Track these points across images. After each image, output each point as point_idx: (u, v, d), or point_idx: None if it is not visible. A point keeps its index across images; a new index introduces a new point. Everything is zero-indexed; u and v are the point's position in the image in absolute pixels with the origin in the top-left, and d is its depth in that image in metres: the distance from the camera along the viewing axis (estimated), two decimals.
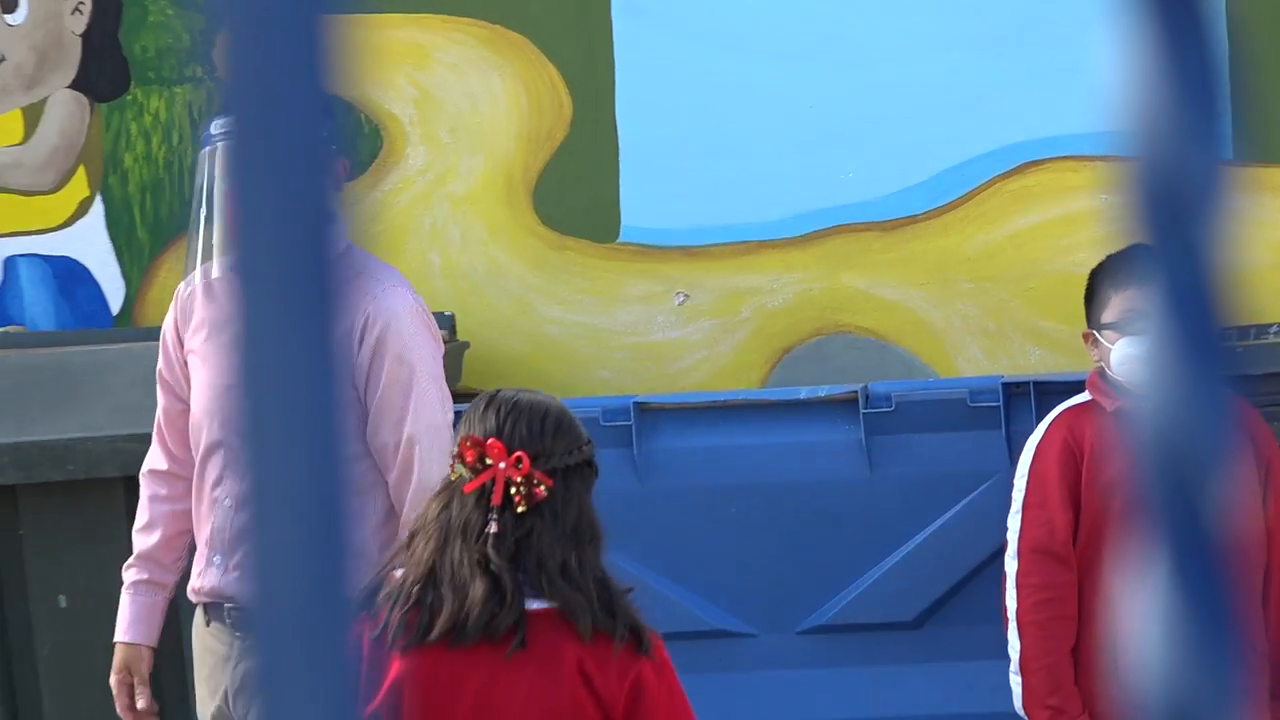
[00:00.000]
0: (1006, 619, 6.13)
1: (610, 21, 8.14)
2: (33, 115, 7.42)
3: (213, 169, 6.34)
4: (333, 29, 0.87)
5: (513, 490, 4.78)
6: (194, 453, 6.52)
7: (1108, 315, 6.12)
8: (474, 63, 7.81)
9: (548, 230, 7.78)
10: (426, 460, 6.09)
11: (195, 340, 6.55)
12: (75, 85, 7.48)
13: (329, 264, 0.81)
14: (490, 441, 4.81)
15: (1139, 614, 1.25)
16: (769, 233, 7.45)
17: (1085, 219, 7.27)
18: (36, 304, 7.80)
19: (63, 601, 7.68)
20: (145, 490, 6.75)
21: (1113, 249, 5.64)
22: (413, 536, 5.07)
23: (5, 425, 7.53)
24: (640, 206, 7.81)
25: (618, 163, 7.69)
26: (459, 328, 7.67)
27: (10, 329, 7.83)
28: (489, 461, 4.81)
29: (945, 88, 7.82)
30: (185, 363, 6.53)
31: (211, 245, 6.48)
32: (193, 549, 6.38)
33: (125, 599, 6.62)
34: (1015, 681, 6.17)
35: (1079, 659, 6.13)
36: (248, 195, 0.72)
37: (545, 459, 4.73)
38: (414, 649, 4.89)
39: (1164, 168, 1.07)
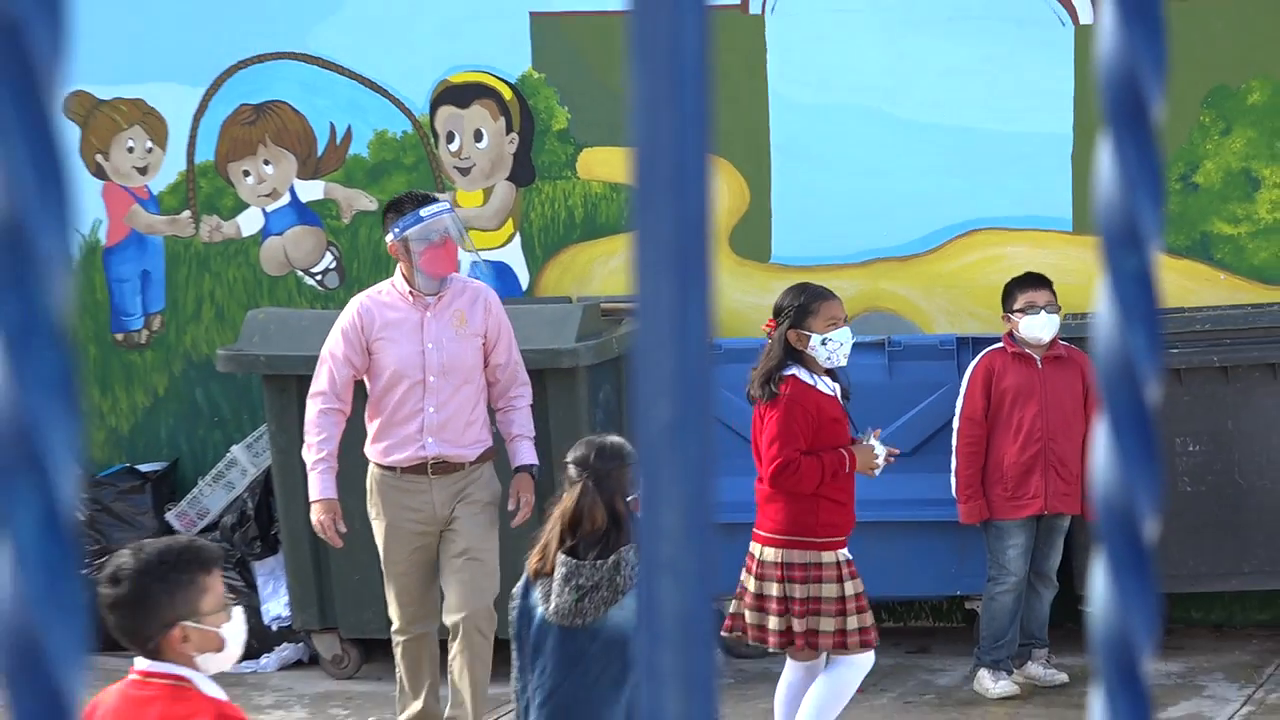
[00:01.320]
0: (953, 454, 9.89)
1: (769, 144, 11.10)
2: (488, 192, 11.02)
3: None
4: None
5: None
6: (383, 394, 9.17)
7: (1016, 306, 9.81)
8: None
9: (733, 253, 10.97)
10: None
11: (384, 333, 9.19)
12: (509, 178, 11.00)
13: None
14: None
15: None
16: (847, 259, 10.74)
17: (1004, 260, 10.56)
18: (491, 286, 10.61)
19: None
20: (321, 416, 9.16)
21: (1013, 276, 9.82)
22: None
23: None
24: (783, 241, 11.11)
25: (771, 221, 10.99)
26: None
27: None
28: None
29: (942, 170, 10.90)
30: (368, 348, 9.11)
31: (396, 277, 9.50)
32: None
33: (315, 476, 9.13)
34: (953, 486, 9.82)
35: (985, 475, 9.84)
36: (648, 215, 0.93)
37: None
38: None
39: None
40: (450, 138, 11.12)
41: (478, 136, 11.05)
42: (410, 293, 9.00)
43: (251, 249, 11.37)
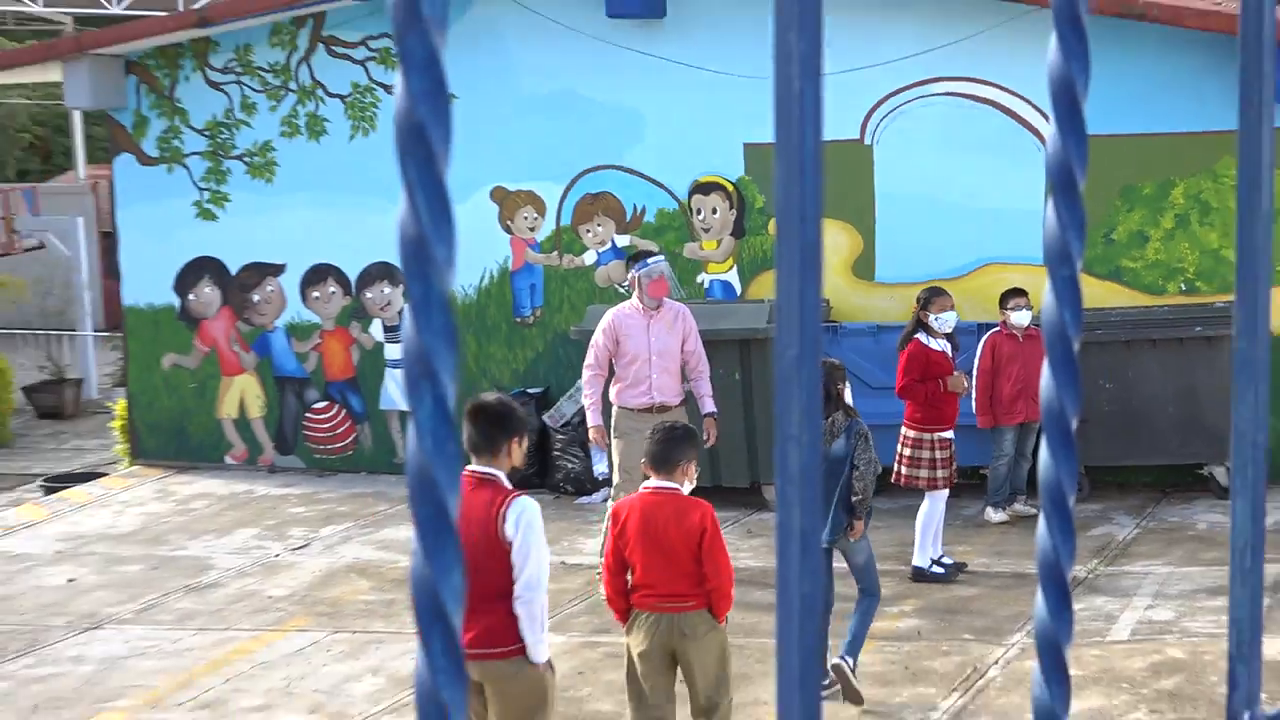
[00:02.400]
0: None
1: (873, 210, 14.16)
2: (720, 242, 14.20)
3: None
4: None
5: None
6: (626, 367, 11.54)
7: (1007, 305, 12.52)
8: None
9: (852, 275, 14.30)
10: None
11: (627, 332, 11.49)
12: (732, 234, 14.36)
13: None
14: None
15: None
16: (918, 279, 13.59)
17: (1002, 281, 13.33)
18: (721, 297, 14.72)
19: None
20: (592, 379, 11.69)
21: (1004, 288, 12.85)
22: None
23: None
24: (882, 269, 14.16)
25: (875, 257, 14.08)
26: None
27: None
28: None
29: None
30: (617, 339, 11.52)
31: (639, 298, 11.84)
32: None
33: (588, 412, 11.71)
34: (974, 407, 12.32)
35: (991, 400, 12.34)
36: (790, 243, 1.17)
37: None
38: None
39: None
40: (698, 211, 14.80)
41: (714, 211, 14.72)
42: (641, 308, 11.75)
43: (590, 273, 15.28)
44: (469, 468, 6.71)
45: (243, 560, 13.20)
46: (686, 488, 7.64)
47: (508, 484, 6.85)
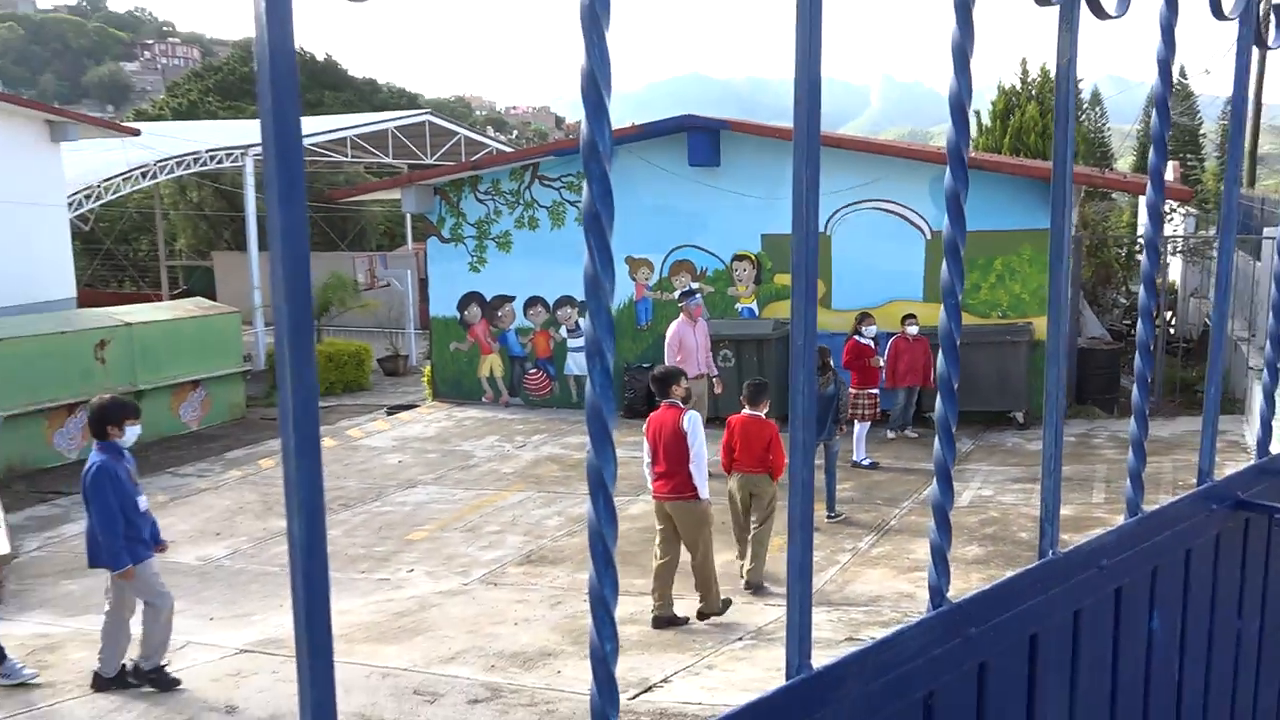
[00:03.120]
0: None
1: None
2: (747, 288, 16.64)
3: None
4: None
5: None
6: (688, 354, 11.04)
7: (906, 321, 13.81)
8: None
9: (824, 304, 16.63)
10: None
11: (683, 335, 11.16)
12: (755, 282, 17.06)
13: None
14: None
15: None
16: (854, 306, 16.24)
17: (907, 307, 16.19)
18: (750, 316, 17.37)
19: None
20: (671, 358, 11.05)
21: (904, 313, 15.05)
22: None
23: None
24: (838, 300, 14.74)
25: (832, 294, 16.30)
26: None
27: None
28: None
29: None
30: (681, 339, 11.18)
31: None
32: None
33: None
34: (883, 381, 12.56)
35: (895, 374, 12.42)
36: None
37: None
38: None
39: None
40: (735, 270, 14.64)
41: (745, 270, 14.59)
42: (687, 321, 11.45)
43: (675, 302, 13.81)
44: (663, 402, 7.19)
45: (489, 452, 13.27)
46: (762, 412, 7.80)
47: (681, 405, 7.15)
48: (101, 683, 6.07)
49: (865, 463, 11.48)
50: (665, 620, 7.06)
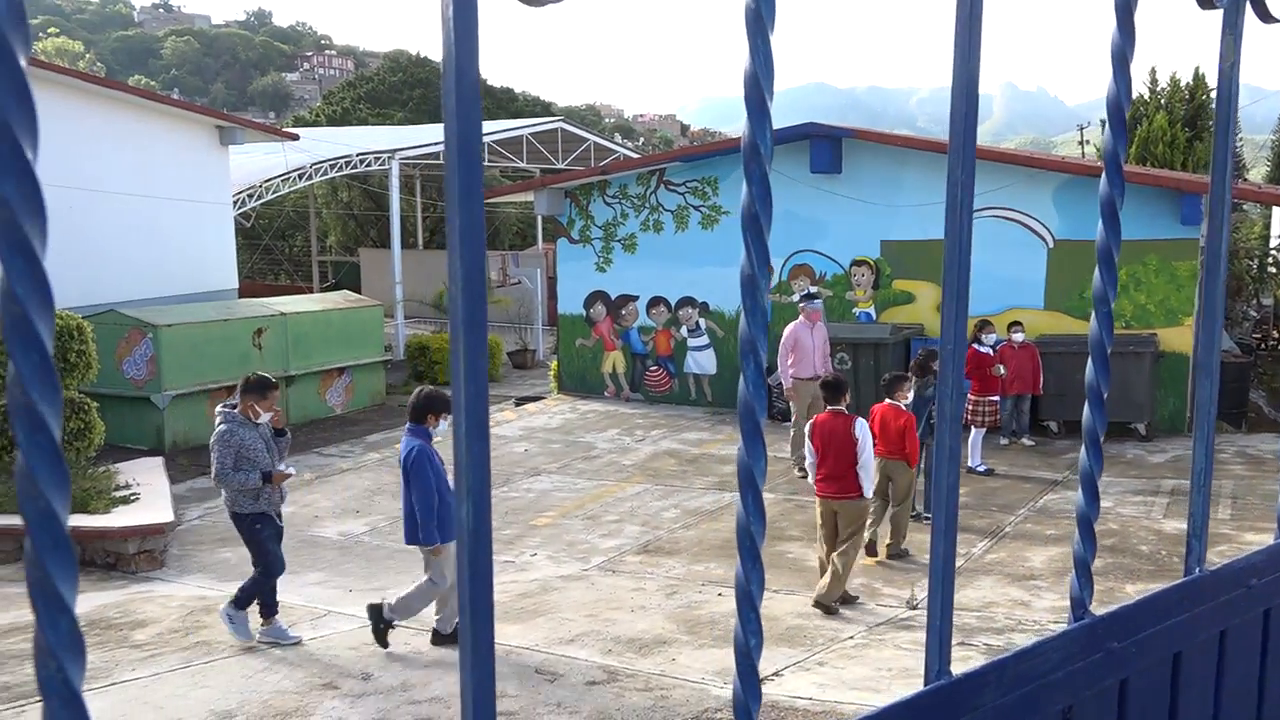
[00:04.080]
0: None
1: None
2: (865, 293, 15.84)
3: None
4: None
5: None
6: (803, 354, 10.75)
7: (1013, 330, 13.94)
8: None
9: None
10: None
11: (800, 336, 10.81)
12: (874, 288, 16.51)
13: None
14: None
15: None
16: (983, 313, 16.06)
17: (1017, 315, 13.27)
18: (867, 320, 17.09)
19: None
20: (784, 360, 10.86)
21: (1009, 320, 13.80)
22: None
23: None
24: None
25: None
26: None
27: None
28: None
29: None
30: (798, 339, 10.85)
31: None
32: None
33: (784, 377, 10.99)
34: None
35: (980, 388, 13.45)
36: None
37: None
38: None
39: None
40: (854, 275, 14.35)
41: (863, 275, 14.29)
42: (805, 323, 11.25)
43: (794, 305, 13.66)
44: (830, 408, 7.33)
45: (610, 444, 13.31)
46: (901, 402, 7.93)
47: (848, 413, 7.29)
48: (440, 638, 6.38)
49: (980, 469, 11.08)
50: (835, 604, 7.20)
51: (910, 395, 8.15)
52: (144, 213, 15.97)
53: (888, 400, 7.97)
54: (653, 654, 6.32)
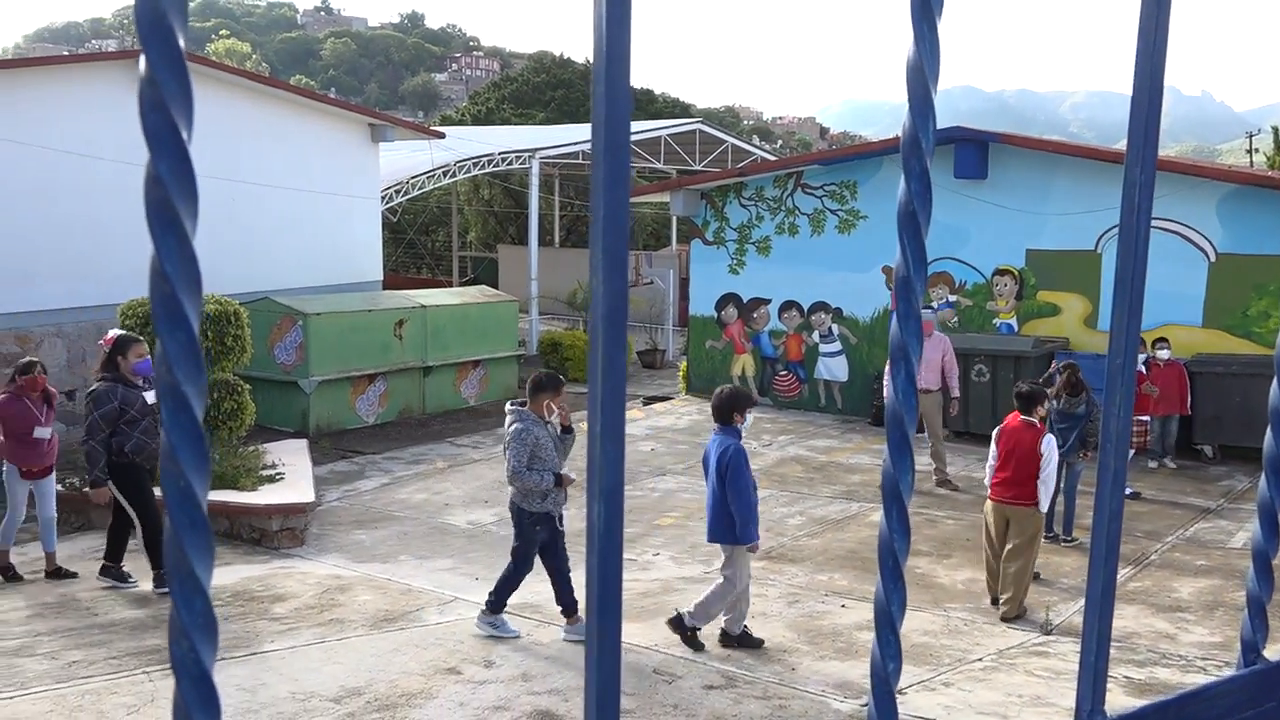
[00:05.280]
0: None
1: None
2: (1006, 303, 15.76)
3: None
4: None
5: None
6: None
7: (1157, 346, 13.07)
8: None
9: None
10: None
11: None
12: (1016, 298, 16.06)
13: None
14: None
15: None
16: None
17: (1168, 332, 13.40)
18: (1004, 333, 16.19)
19: None
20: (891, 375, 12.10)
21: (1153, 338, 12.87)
22: None
23: None
24: (1104, 322, 13.76)
25: (1098, 314, 15.68)
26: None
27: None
28: None
29: None
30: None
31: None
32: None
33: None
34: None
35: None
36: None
37: None
38: None
39: None
40: (996, 284, 13.83)
41: (1006, 285, 13.75)
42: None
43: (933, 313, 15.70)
44: (1022, 417, 7.26)
45: None
46: (1035, 418, 7.41)
47: (1038, 425, 7.23)
48: (729, 640, 6.30)
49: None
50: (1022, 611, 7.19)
51: (1044, 410, 7.75)
52: (299, 206, 16.72)
53: (1021, 416, 7.38)
54: (772, 662, 6.23)
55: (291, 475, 10.27)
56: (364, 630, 6.63)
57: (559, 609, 6.57)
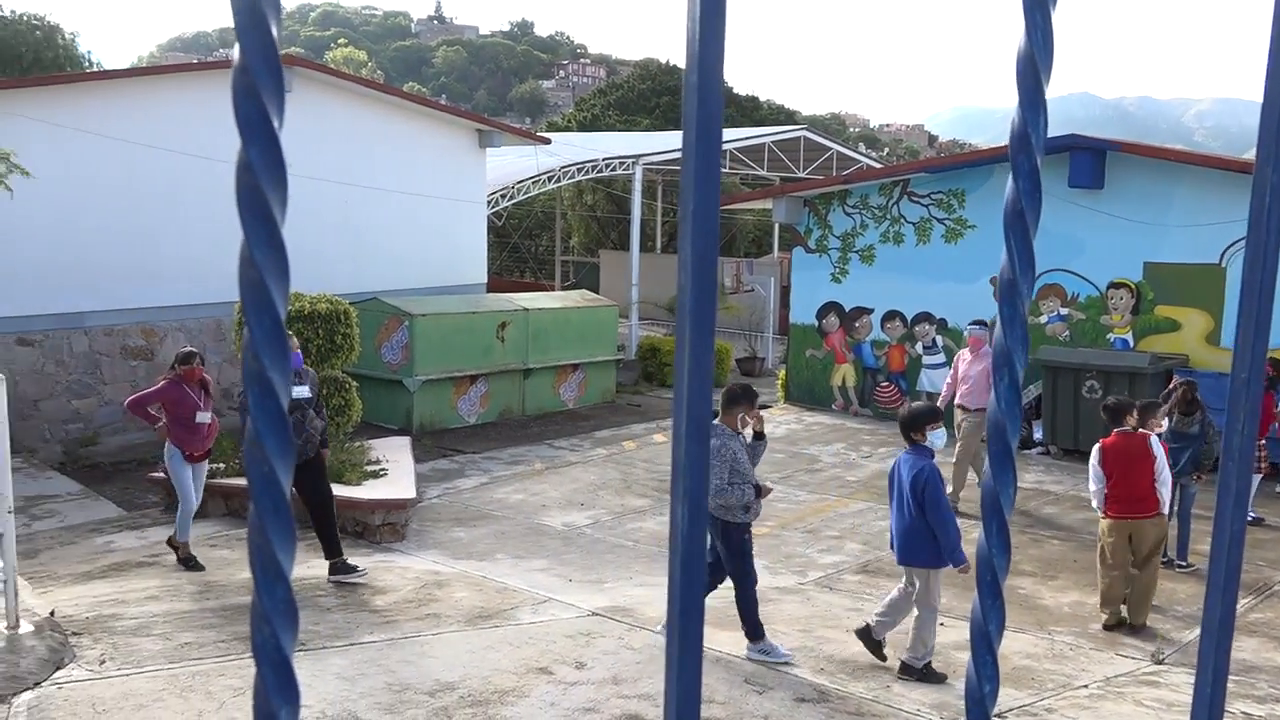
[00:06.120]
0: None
1: None
2: (1123, 318, 14.08)
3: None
4: None
5: None
6: (961, 381, 10.10)
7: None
8: None
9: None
10: None
11: (959, 362, 10.41)
12: (1132, 312, 15.22)
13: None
14: None
15: None
16: None
17: None
18: (1124, 350, 14.49)
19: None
20: (948, 386, 10.48)
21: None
22: None
23: None
24: (1228, 338, 12.98)
25: (1221, 331, 14.55)
26: None
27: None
28: None
29: None
30: (959, 368, 10.30)
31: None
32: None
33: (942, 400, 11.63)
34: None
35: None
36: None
37: None
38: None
39: None
40: (1111, 298, 13.32)
41: (1121, 298, 13.26)
42: (969, 350, 10.55)
43: (1042, 327, 13.57)
44: (1117, 430, 7.10)
45: (834, 459, 13.15)
46: (1129, 426, 7.17)
47: (1139, 432, 7.05)
48: (910, 671, 6.02)
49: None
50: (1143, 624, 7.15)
51: (1163, 425, 7.54)
52: (407, 209, 17.17)
53: (1116, 429, 7.15)
54: (866, 678, 6.11)
55: (394, 471, 10.49)
56: (460, 626, 6.72)
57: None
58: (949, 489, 9.96)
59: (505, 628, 6.72)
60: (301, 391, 7.24)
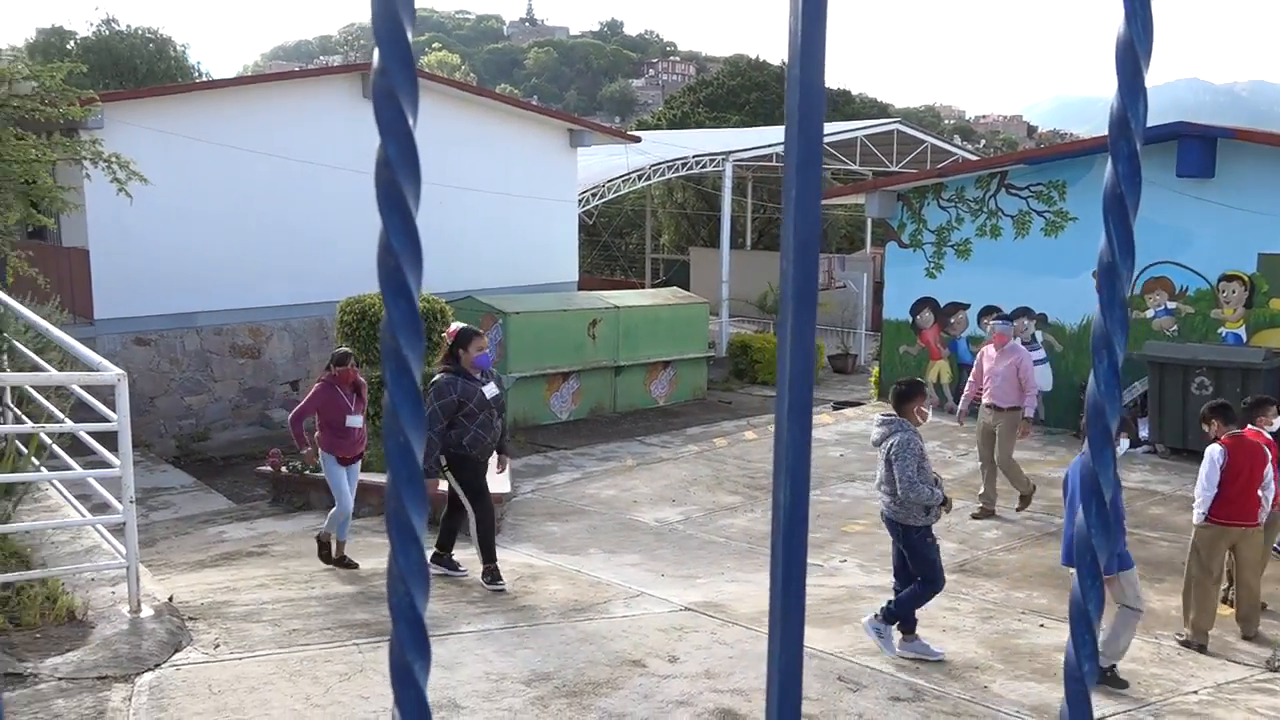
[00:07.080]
0: None
1: None
2: (1235, 312, 13.06)
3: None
4: None
5: None
6: (986, 379, 9.71)
7: None
8: None
9: None
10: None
11: (983, 358, 9.98)
12: (1245, 305, 14.71)
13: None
14: None
15: None
16: None
17: None
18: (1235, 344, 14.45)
19: None
20: (970, 385, 10.13)
21: None
22: None
23: None
24: None
25: None
26: None
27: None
28: None
29: None
30: (983, 364, 9.88)
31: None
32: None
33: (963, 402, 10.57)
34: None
35: None
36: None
37: None
38: None
39: None
40: (1223, 291, 12.75)
41: (1234, 291, 12.68)
42: (994, 347, 10.09)
43: (1148, 322, 13.09)
44: (1248, 428, 6.82)
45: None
46: (1265, 431, 6.88)
47: (1240, 431, 6.76)
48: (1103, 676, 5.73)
49: None
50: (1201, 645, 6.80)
51: (1276, 423, 7.23)
52: (500, 208, 17.45)
53: (1248, 429, 6.85)
54: (962, 678, 6.00)
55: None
56: (554, 618, 6.78)
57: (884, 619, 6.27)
58: (990, 500, 9.89)
59: (598, 620, 6.78)
60: (491, 390, 7.19)
